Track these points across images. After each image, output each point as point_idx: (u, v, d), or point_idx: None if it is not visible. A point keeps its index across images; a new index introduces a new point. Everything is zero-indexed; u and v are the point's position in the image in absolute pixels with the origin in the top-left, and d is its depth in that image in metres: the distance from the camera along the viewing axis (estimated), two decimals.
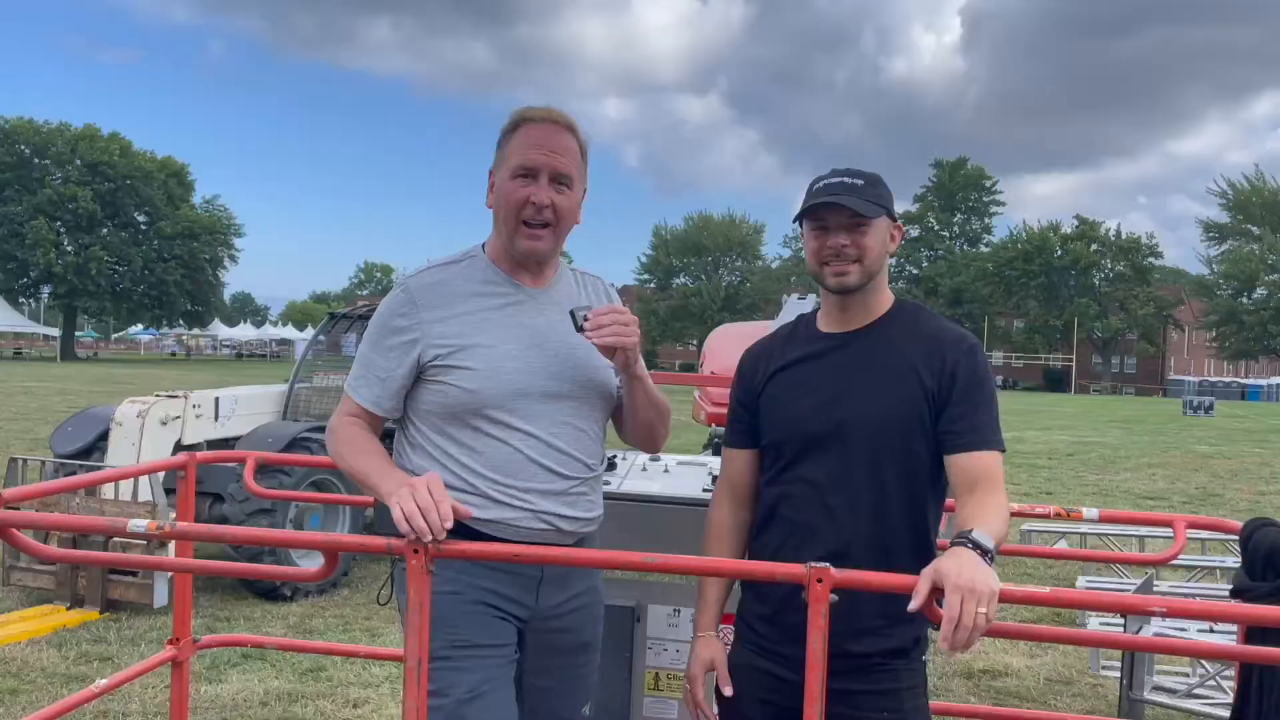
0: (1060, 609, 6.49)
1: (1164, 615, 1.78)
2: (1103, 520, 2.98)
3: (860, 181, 2.22)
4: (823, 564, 1.87)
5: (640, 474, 3.25)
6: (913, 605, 1.83)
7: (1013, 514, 2.80)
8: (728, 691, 2.26)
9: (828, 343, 2.30)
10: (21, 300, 65.21)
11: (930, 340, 2.23)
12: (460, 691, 2.15)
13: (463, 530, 2.22)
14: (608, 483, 2.96)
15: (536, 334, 2.30)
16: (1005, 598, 1.83)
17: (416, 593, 2.00)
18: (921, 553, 2.20)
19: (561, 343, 2.30)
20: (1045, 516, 2.95)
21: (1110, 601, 1.95)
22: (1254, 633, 2.61)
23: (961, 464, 2.14)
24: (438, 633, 2.12)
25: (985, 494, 2.08)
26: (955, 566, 1.82)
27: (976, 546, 1.88)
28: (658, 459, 3.32)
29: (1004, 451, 2.18)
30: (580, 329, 2.20)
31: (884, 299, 2.31)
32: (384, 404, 2.31)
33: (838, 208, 2.19)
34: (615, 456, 3.38)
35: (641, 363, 2.32)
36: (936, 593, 1.83)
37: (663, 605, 3.11)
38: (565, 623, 2.35)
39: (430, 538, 1.98)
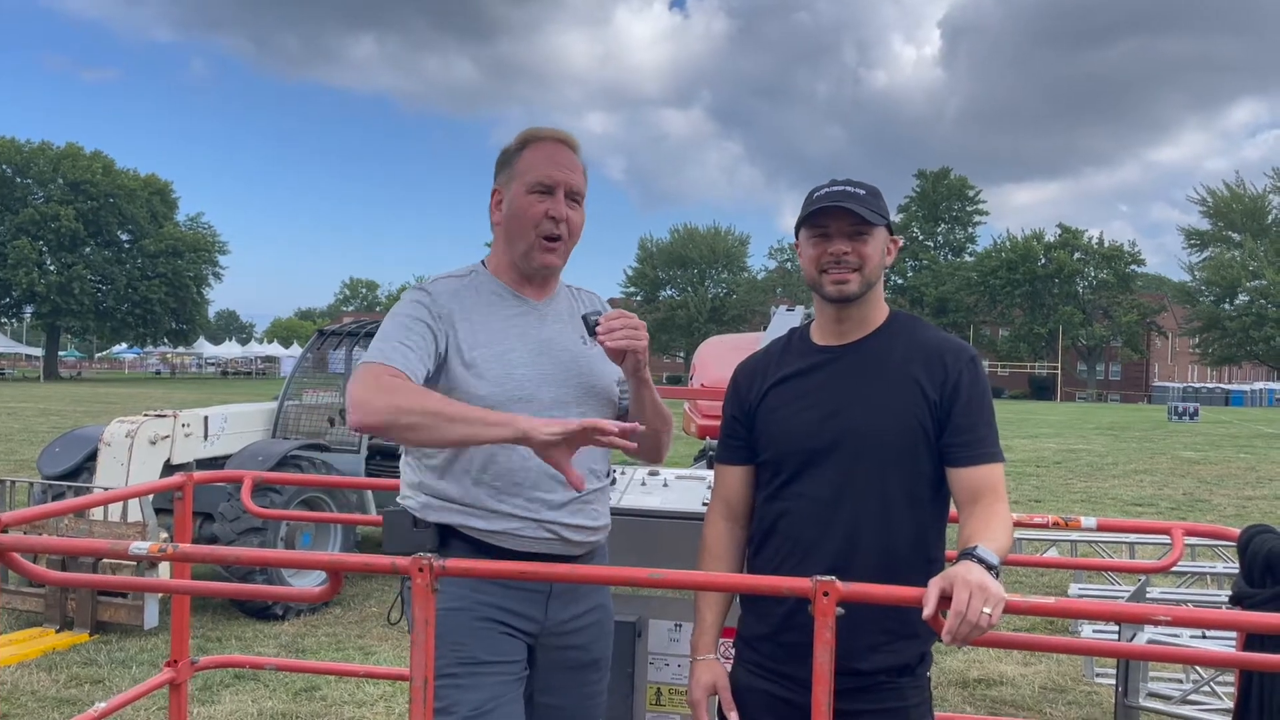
0: (1053, 617, 6.50)
1: (1170, 624, 1.79)
2: (1101, 529, 2.99)
3: (862, 191, 2.20)
4: (828, 577, 1.87)
5: (640, 489, 3.24)
6: (926, 613, 1.83)
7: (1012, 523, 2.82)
8: (733, 717, 2.21)
9: (824, 355, 2.27)
10: (4, 320, 64.92)
11: (931, 351, 2.21)
12: (466, 709, 2.14)
13: (468, 541, 2.21)
14: None
15: (543, 343, 2.32)
16: (1012, 608, 1.84)
17: (422, 610, 1.99)
18: (927, 567, 2.19)
19: (565, 351, 2.33)
20: (1044, 526, 2.95)
21: (1114, 611, 1.95)
22: (1254, 639, 2.62)
23: (966, 477, 2.14)
24: (444, 650, 2.11)
25: (989, 507, 2.08)
26: (964, 571, 1.85)
27: (981, 562, 1.89)
28: (656, 473, 3.31)
29: (1004, 462, 2.19)
30: (592, 333, 2.23)
31: (880, 311, 2.29)
32: (416, 370, 2.15)
33: (841, 212, 2.17)
34: (614, 471, 3.37)
35: (648, 369, 2.34)
36: (945, 602, 1.83)
37: (664, 620, 3.10)
38: (576, 639, 2.35)
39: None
